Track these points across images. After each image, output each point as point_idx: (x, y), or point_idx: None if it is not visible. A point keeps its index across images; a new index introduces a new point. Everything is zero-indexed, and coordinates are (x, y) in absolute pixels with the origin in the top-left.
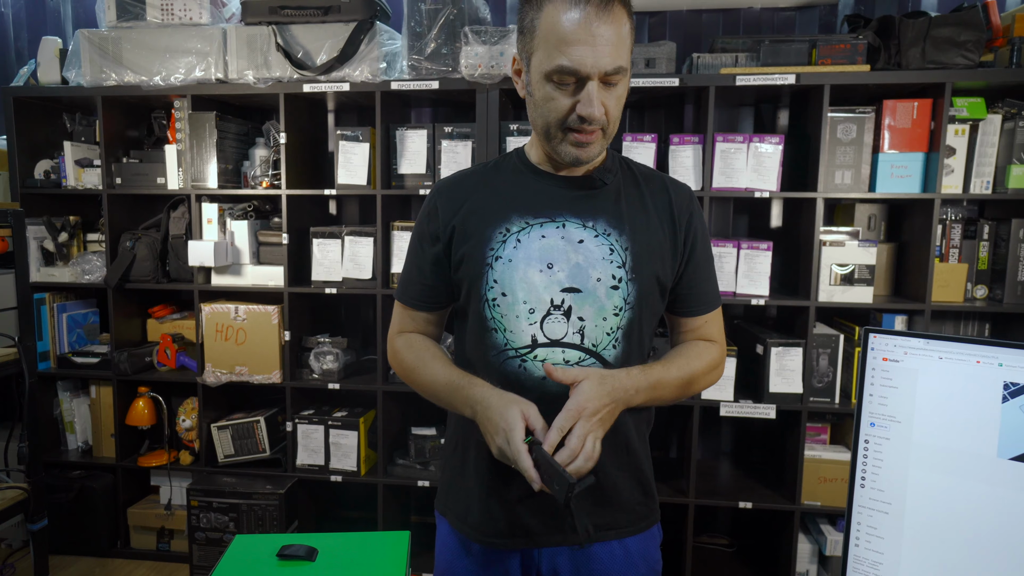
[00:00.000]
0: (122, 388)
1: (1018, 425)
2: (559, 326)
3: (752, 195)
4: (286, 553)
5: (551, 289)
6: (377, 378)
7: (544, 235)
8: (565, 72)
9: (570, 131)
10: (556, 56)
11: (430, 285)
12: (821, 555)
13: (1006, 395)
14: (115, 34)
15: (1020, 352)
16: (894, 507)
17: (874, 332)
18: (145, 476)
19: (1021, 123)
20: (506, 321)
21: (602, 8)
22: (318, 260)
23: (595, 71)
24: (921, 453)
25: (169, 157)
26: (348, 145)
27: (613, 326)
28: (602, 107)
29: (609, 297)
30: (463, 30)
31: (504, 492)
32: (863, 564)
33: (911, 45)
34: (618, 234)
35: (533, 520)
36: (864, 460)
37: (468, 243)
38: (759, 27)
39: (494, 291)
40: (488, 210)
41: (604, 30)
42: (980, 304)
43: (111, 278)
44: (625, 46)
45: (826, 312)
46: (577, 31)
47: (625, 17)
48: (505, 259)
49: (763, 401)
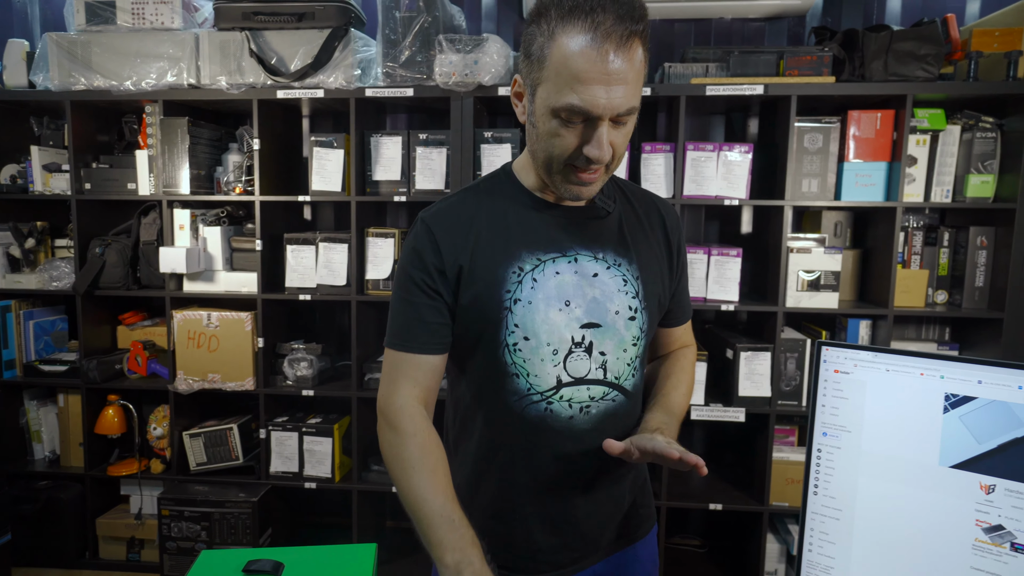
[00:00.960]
0: (91, 396)
1: (958, 434)
2: (582, 363)
3: (722, 202)
4: (252, 568)
5: (571, 327)
6: (352, 384)
7: (558, 271)
8: (575, 111)
9: (573, 169)
10: (567, 93)
11: (439, 323)
12: (789, 555)
13: (947, 406)
14: (84, 38)
15: (960, 365)
16: (845, 513)
17: (826, 345)
18: (115, 485)
19: (979, 134)
20: (529, 365)
21: (621, 46)
22: (292, 267)
23: (608, 112)
24: (869, 461)
25: (140, 162)
26: (322, 151)
27: (632, 356)
28: (610, 148)
29: (628, 328)
30: (438, 38)
31: (517, 529)
32: (816, 569)
33: (874, 58)
34: (628, 263)
35: (549, 555)
36: (817, 468)
37: (478, 285)
38: (729, 38)
39: (515, 336)
40: (495, 247)
41: (620, 69)
42: (940, 309)
43: (80, 285)
44: (640, 83)
45: (794, 317)
46: (591, 70)
47: (642, 51)
48: (524, 301)
49: (733, 405)
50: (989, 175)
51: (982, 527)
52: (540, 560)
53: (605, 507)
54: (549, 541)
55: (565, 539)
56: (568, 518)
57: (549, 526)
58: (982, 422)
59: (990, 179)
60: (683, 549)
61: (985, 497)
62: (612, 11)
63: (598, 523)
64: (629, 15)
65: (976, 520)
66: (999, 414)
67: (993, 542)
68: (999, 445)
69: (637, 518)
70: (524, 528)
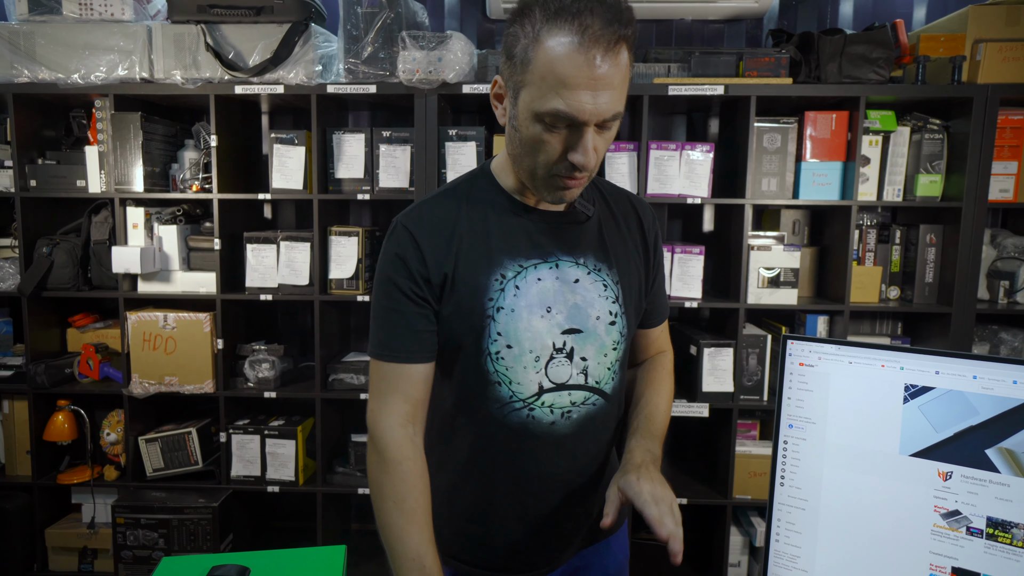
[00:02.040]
0: (39, 402)
1: (918, 423)
2: (563, 369)
3: (685, 201)
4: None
5: (552, 333)
6: (315, 385)
7: (540, 278)
8: (560, 117)
9: (557, 175)
10: (552, 99)
11: (427, 331)
12: (752, 546)
13: (907, 396)
14: (27, 28)
15: (919, 356)
16: (810, 503)
17: (791, 339)
18: (65, 494)
19: (927, 135)
20: (512, 373)
21: (609, 50)
22: (253, 266)
23: (594, 118)
24: (834, 452)
25: (90, 159)
26: (283, 148)
27: (613, 360)
28: (595, 154)
29: (608, 333)
30: (400, 35)
31: (492, 531)
32: (783, 558)
33: (829, 60)
34: (607, 268)
35: (524, 556)
36: (783, 460)
37: (460, 293)
38: (690, 38)
39: (498, 344)
40: (478, 254)
41: (607, 74)
42: (893, 304)
43: (26, 286)
44: (625, 88)
45: (755, 313)
46: (578, 75)
47: (628, 55)
48: (507, 309)
49: (697, 400)
50: (937, 175)
51: (940, 512)
52: (520, 560)
53: (582, 507)
54: (528, 542)
55: (543, 540)
56: (547, 520)
57: (528, 528)
58: (940, 411)
59: (938, 179)
60: (649, 544)
61: (943, 484)
62: (600, 14)
63: (575, 523)
64: (617, 19)
65: (935, 506)
66: (955, 403)
67: (950, 527)
68: (955, 433)
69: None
70: (503, 530)
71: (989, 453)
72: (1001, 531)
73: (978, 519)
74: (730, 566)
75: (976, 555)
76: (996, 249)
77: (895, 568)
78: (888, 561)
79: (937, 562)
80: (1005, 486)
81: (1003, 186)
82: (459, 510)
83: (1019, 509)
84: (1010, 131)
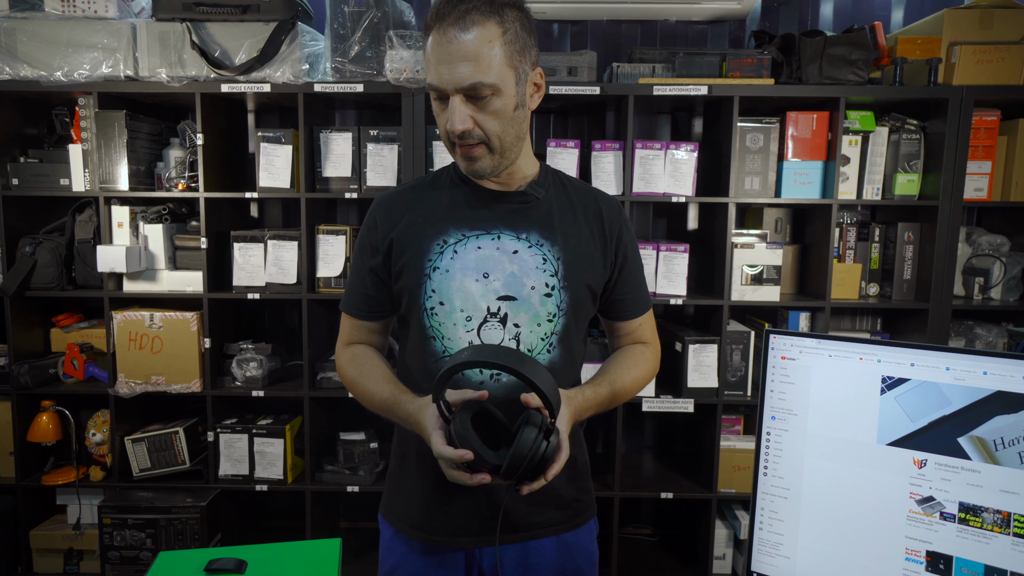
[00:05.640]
0: (23, 403)
1: (894, 414)
2: (495, 332)
3: (670, 199)
4: (214, 567)
5: (487, 297)
6: (304, 384)
7: (480, 246)
8: (433, 88)
9: (454, 144)
10: (429, 75)
11: (372, 295)
12: (736, 539)
13: (884, 387)
14: (8, 24)
15: (895, 349)
16: (792, 492)
17: (774, 333)
18: (50, 495)
19: (905, 135)
20: (444, 329)
21: (457, 23)
22: (240, 265)
23: (451, 86)
24: (814, 442)
25: (74, 157)
26: (270, 147)
27: (547, 331)
28: (469, 121)
29: (543, 304)
30: (388, 34)
31: (446, 493)
32: (766, 546)
33: (809, 61)
34: (550, 244)
35: (474, 520)
36: (766, 451)
37: (406, 255)
38: (675, 39)
39: (432, 300)
40: (426, 223)
41: (461, 48)
42: (872, 301)
43: (8, 285)
44: (492, 62)
45: (739, 310)
46: (437, 49)
47: (494, 32)
48: (442, 269)
49: (682, 396)
50: (914, 174)
51: (915, 499)
52: (456, 524)
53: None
54: (463, 507)
55: (478, 507)
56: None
57: (451, 487)
58: (915, 402)
59: (915, 178)
60: (635, 539)
61: (918, 471)
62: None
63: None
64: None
65: (910, 493)
66: (929, 394)
67: (925, 512)
68: (930, 423)
69: (560, 507)
70: (430, 487)
71: (961, 441)
72: (972, 515)
73: (951, 504)
74: (715, 559)
75: (949, 539)
76: (971, 247)
77: (873, 552)
78: (866, 546)
79: (912, 546)
80: (976, 472)
81: (978, 185)
82: (407, 471)
83: (989, 494)
84: (984, 132)
